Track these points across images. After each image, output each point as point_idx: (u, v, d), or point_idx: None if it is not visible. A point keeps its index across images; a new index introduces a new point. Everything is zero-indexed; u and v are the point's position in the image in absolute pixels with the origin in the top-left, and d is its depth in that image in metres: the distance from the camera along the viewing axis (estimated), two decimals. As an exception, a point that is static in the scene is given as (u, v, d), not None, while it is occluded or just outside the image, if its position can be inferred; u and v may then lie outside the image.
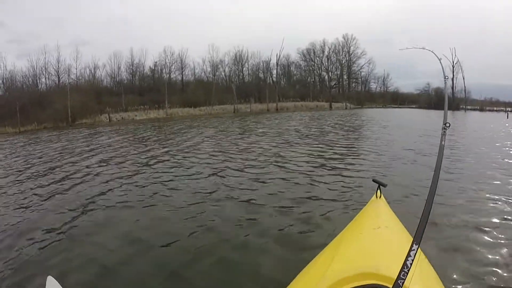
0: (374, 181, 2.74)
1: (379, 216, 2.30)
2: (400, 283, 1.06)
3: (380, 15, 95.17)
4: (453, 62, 57.76)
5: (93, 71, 50.17)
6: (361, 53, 67.42)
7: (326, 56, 67.14)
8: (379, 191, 2.62)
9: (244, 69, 59.85)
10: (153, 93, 44.57)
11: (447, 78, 2.96)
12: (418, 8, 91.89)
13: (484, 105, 61.52)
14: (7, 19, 69.04)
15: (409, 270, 1.07)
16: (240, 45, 58.70)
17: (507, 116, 39.04)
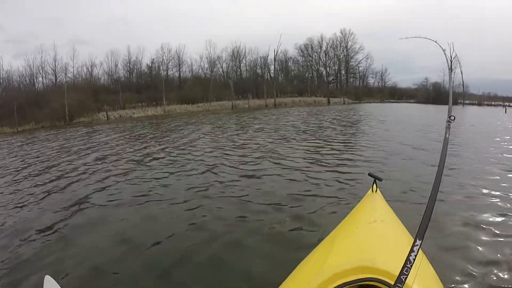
0: (370, 175, 2.75)
1: (375, 210, 2.30)
2: (403, 279, 1.05)
3: (378, 10, 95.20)
4: (451, 57, 57.31)
5: (90, 69, 49.82)
6: (359, 48, 67.26)
7: (324, 51, 66.95)
8: (375, 185, 2.63)
9: (241, 65, 59.69)
10: (150, 90, 44.44)
11: (452, 69, 2.93)
12: (418, 2, 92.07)
13: (482, 99, 61.71)
14: (2, 20, 69.04)
15: (412, 266, 1.06)
16: (237, 41, 58.52)
17: (505, 111, 39.10)
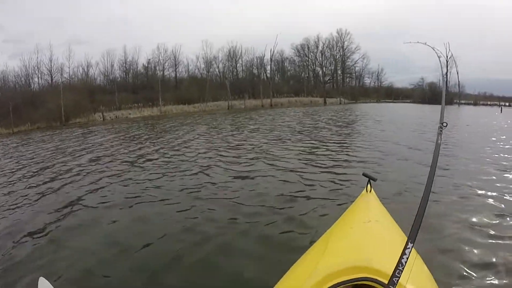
0: (364, 175, 2.77)
1: (369, 210, 2.31)
2: (395, 281, 1.07)
3: (377, 10, 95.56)
4: (447, 57, 58.02)
5: (86, 69, 49.59)
6: (355, 48, 67.31)
7: (320, 51, 67.00)
8: (369, 185, 2.65)
9: (238, 65, 59.60)
10: (146, 91, 44.32)
11: (446, 74, 2.93)
12: (416, 3, 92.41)
13: (477, 99, 61.98)
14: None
15: (404, 268, 1.07)
16: (234, 41, 58.57)
17: (500, 110, 39.38)
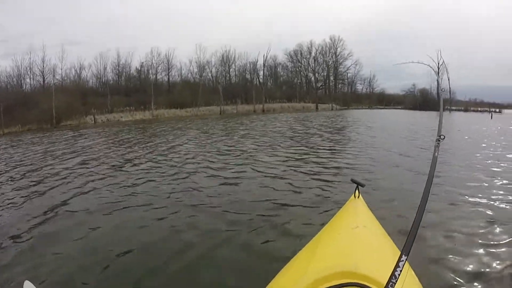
0: (352, 181, 2.80)
1: (357, 216, 2.31)
2: None
3: (369, 17, 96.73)
4: (438, 64, 58.99)
5: (78, 71, 49.58)
6: (348, 54, 68.21)
7: (313, 57, 67.72)
8: (357, 191, 2.66)
9: (231, 70, 59.99)
10: (139, 94, 44.37)
11: (443, 90, 3.04)
12: (408, 10, 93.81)
13: (468, 105, 63.05)
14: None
15: (397, 281, 1.05)
16: (227, 46, 58.83)
17: (491, 117, 40.05)
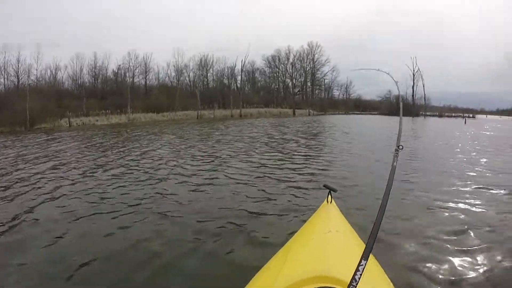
0: (325, 186, 2.84)
1: (330, 221, 2.33)
2: None
3: (347, 23, 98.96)
4: (413, 71, 61.16)
5: (54, 72, 49.17)
6: (325, 60, 69.66)
7: (291, 63, 68.76)
8: (330, 196, 2.68)
9: (208, 74, 60.27)
10: (115, 97, 44.02)
11: (402, 100, 3.28)
12: (385, 18, 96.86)
13: (443, 111, 65.20)
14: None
15: (357, 284, 1.06)
16: (205, 50, 59.17)
17: (464, 122, 41.91)
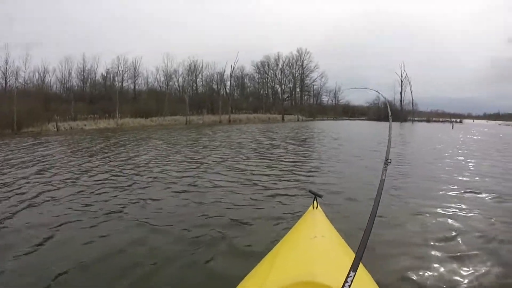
0: (310, 191, 2.87)
1: (315, 226, 2.35)
2: None
3: (336, 29, 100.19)
4: (401, 77, 62.30)
5: (42, 75, 48.64)
6: (314, 66, 70.37)
7: (280, 69, 69.38)
8: (315, 201, 2.71)
9: (198, 79, 60.30)
10: (104, 102, 43.56)
11: (391, 116, 3.22)
12: (373, 24, 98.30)
13: (430, 116, 66.50)
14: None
15: None
16: (195, 55, 59.13)
17: (452, 127, 42.70)
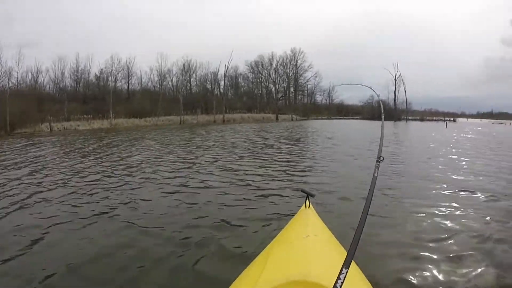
0: (302, 191, 2.87)
1: (308, 225, 2.35)
2: None
3: (330, 29, 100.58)
4: (395, 76, 62.72)
5: (35, 75, 48.16)
6: (308, 66, 70.55)
7: (274, 68, 69.61)
8: (307, 201, 2.72)
9: (192, 79, 60.21)
10: (97, 102, 43.37)
11: (383, 113, 3.21)
12: (369, 23, 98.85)
13: (424, 115, 67.11)
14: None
15: None
16: (189, 55, 59.10)
17: (446, 125, 43.12)
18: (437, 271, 3.50)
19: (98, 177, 9.02)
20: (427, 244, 4.21)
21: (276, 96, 69.38)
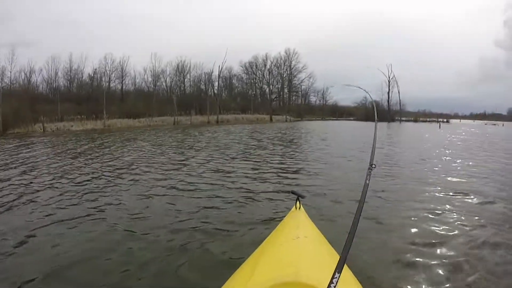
0: (292, 192, 2.89)
1: (298, 227, 2.35)
2: None
3: (324, 30, 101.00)
4: (389, 77, 63.09)
5: (28, 75, 48.01)
6: (302, 67, 70.80)
7: (268, 69, 69.79)
8: (298, 202, 2.72)
9: (185, 80, 60.21)
10: (91, 102, 43.25)
11: (377, 120, 3.20)
12: (363, 25, 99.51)
13: (418, 116, 67.51)
14: None
15: None
16: (183, 56, 59.05)
17: (439, 126, 43.36)
18: (430, 276, 3.47)
19: (87, 178, 8.93)
20: (421, 247, 4.18)
21: (270, 97, 69.63)
